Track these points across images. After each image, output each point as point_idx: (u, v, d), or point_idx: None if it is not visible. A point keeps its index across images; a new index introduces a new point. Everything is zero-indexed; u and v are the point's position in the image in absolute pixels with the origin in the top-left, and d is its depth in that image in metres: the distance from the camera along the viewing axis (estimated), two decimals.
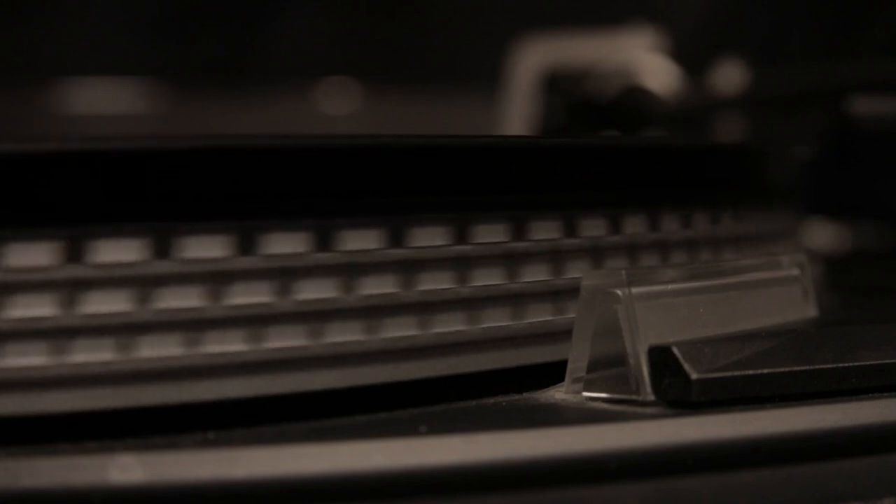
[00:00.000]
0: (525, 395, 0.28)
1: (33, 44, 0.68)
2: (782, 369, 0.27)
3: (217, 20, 0.72)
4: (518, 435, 0.25)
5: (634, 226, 0.30)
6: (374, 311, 0.26)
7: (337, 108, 0.68)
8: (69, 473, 0.23)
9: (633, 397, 0.26)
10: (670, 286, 0.28)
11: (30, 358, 0.24)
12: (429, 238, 0.27)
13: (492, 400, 0.27)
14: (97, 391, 0.24)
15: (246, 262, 0.25)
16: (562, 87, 0.54)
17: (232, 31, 0.72)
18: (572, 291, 0.28)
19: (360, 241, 0.26)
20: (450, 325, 0.27)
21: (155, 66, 0.69)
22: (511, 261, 0.28)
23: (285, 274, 0.25)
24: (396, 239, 0.26)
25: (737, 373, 0.26)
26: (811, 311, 0.31)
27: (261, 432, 0.25)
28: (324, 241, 0.26)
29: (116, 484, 0.23)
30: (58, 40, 0.69)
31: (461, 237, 0.27)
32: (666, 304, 0.27)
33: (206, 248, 0.25)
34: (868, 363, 0.28)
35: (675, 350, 0.26)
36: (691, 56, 0.53)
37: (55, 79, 0.67)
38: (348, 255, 0.26)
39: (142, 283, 0.24)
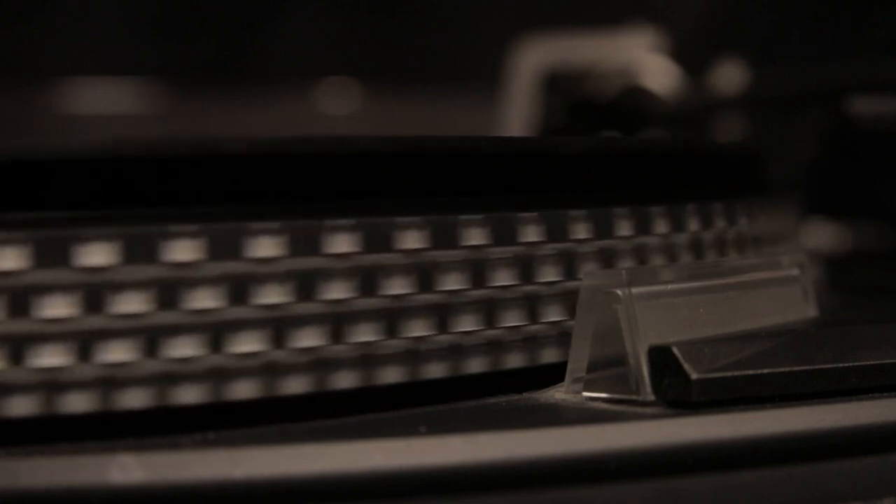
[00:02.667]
0: (525, 395, 0.28)
1: (33, 44, 0.68)
2: (782, 369, 0.27)
3: (217, 20, 0.72)
4: (518, 435, 0.25)
5: (634, 226, 0.30)
6: (376, 314, 0.26)
7: (337, 108, 0.68)
8: (69, 473, 0.23)
9: (633, 397, 0.26)
10: (670, 286, 0.28)
11: (31, 360, 0.24)
12: (430, 241, 0.27)
13: (492, 400, 0.27)
14: (98, 392, 0.24)
15: (264, 266, 0.25)
16: (562, 87, 0.54)
17: (232, 31, 0.72)
18: (572, 292, 0.28)
19: (366, 243, 0.26)
20: (450, 327, 0.27)
21: (155, 66, 0.69)
22: (511, 262, 0.28)
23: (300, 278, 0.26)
24: (402, 241, 0.26)
25: (737, 373, 0.26)
26: (811, 311, 0.31)
27: (261, 432, 0.25)
28: (331, 245, 0.26)
29: (116, 484, 0.23)
30: (58, 40, 0.69)
31: (464, 239, 0.27)
32: (666, 304, 0.27)
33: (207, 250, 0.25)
34: (868, 363, 0.28)
35: (675, 350, 0.26)
36: (691, 56, 0.53)
37: (55, 79, 0.67)
38: (358, 257, 0.26)
39: (164, 287, 0.25)
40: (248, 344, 0.25)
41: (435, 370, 0.27)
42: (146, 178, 0.25)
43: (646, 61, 0.53)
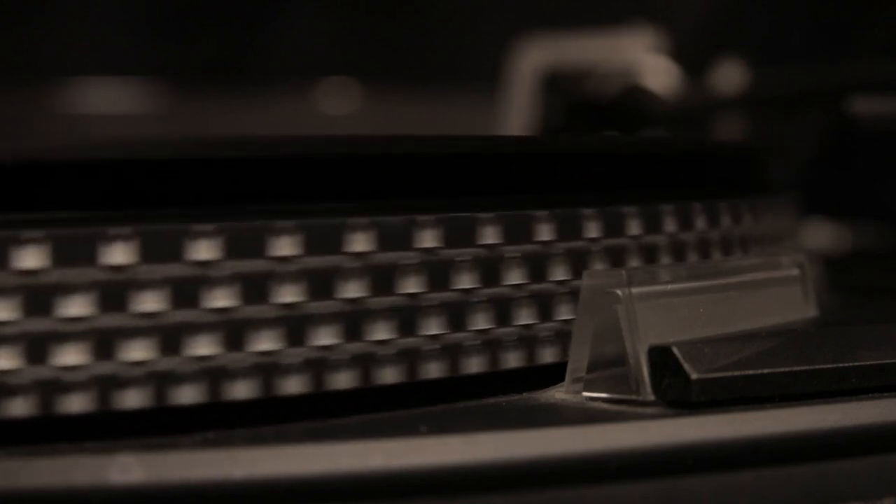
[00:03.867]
0: (525, 395, 0.28)
1: (34, 44, 0.68)
2: (782, 369, 0.27)
3: (217, 20, 0.72)
4: (518, 435, 0.25)
5: (634, 226, 0.30)
6: (376, 314, 0.26)
7: (337, 108, 0.68)
8: (69, 473, 0.23)
9: (633, 397, 0.26)
10: (670, 286, 0.28)
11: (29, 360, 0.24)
12: (430, 240, 0.27)
13: (492, 400, 0.28)
14: (98, 392, 0.24)
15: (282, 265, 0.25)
16: (562, 87, 0.54)
17: (232, 31, 0.72)
18: (572, 292, 0.28)
19: (363, 243, 0.26)
20: (450, 327, 0.27)
21: (155, 66, 0.69)
22: (512, 262, 0.28)
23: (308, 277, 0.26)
24: (404, 241, 0.27)
25: (737, 373, 0.26)
26: (811, 311, 0.31)
27: (260, 432, 0.25)
28: (337, 245, 0.26)
29: (116, 484, 0.23)
30: (58, 40, 0.69)
31: (463, 239, 0.27)
32: (666, 304, 0.27)
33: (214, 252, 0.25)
34: (868, 363, 0.28)
35: (675, 350, 0.26)
36: (691, 56, 0.53)
37: (56, 79, 0.67)
38: (359, 257, 0.26)
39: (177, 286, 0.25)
40: (246, 344, 0.25)
41: (434, 370, 0.27)
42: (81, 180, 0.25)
43: (646, 61, 0.53)
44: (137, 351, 0.24)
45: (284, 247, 0.25)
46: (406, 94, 0.67)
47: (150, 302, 0.24)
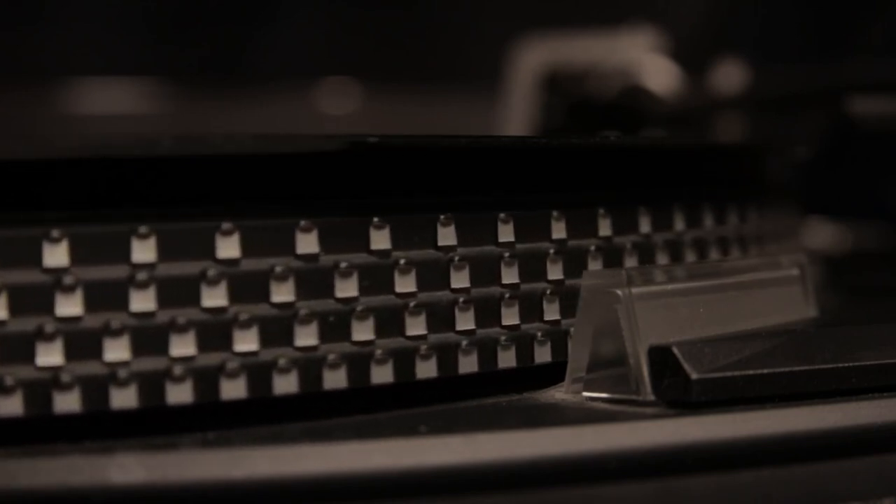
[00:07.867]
0: (525, 395, 0.28)
1: (35, 44, 0.68)
2: (782, 369, 0.27)
3: (217, 20, 0.72)
4: (518, 435, 0.25)
5: (634, 226, 0.30)
6: (376, 313, 0.26)
7: (337, 108, 0.68)
8: (69, 473, 0.23)
9: (633, 397, 0.26)
10: (670, 286, 0.28)
11: (33, 359, 0.24)
12: (432, 239, 0.27)
13: (492, 400, 0.28)
14: (98, 392, 0.24)
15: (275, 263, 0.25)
16: (562, 87, 0.54)
17: (232, 32, 0.72)
18: (573, 292, 0.28)
19: (379, 242, 0.26)
20: (450, 327, 0.27)
21: (156, 66, 0.69)
22: (511, 261, 0.28)
23: (304, 275, 0.26)
24: (406, 241, 0.27)
25: (737, 373, 0.26)
26: (811, 311, 0.31)
27: (260, 432, 0.25)
28: (331, 243, 0.26)
29: (116, 484, 0.23)
30: (59, 41, 0.69)
31: (463, 239, 0.27)
32: (666, 304, 0.27)
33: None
34: (868, 363, 0.28)
35: (675, 350, 0.26)
36: (691, 56, 0.53)
37: (57, 79, 0.67)
38: (366, 255, 0.26)
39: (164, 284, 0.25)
40: (245, 343, 0.25)
41: (434, 369, 0.27)
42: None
43: (646, 61, 0.53)
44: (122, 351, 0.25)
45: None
46: (406, 94, 0.67)
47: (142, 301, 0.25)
